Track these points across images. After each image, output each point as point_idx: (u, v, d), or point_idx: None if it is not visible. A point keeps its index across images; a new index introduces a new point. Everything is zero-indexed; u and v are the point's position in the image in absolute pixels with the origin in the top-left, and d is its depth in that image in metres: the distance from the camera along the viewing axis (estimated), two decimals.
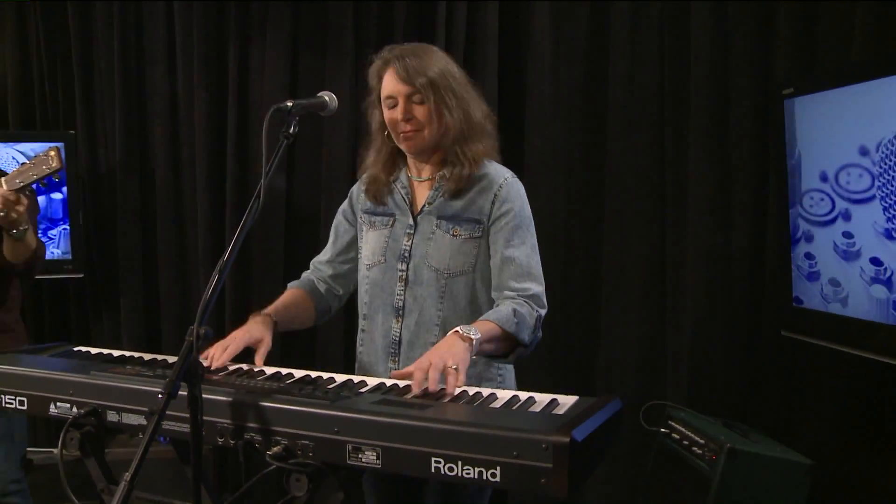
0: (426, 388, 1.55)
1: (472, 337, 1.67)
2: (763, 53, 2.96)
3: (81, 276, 3.78)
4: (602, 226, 3.30)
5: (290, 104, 1.66)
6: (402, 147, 1.94)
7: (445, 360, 1.59)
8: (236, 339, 1.80)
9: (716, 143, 3.02)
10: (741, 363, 3.01)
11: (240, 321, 1.93)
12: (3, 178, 2.21)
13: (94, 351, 1.96)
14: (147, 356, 1.91)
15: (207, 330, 1.40)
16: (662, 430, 2.74)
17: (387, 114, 1.92)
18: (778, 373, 2.94)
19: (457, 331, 1.69)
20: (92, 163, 3.96)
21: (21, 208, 2.22)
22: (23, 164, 2.22)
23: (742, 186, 2.99)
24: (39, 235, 2.53)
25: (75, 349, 1.99)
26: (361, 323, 2.04)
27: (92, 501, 1.32)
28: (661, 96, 3.16)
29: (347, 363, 2.04)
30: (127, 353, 1.94)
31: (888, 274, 2.29)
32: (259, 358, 1.81)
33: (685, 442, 2.59)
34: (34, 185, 2.23)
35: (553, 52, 3.28)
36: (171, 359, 1.86)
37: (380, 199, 2.01)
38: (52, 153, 2.18)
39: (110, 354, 1.94)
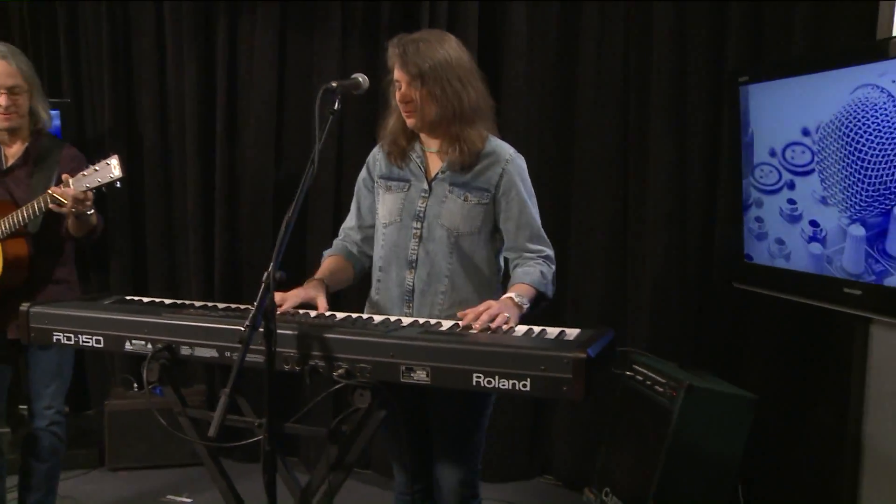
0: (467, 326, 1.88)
1: (523, 305, 2.03)
2: (716, 41, 3.26)
3: None
4: (570, 191, 3.59)
5: (334, 84, 1.93)
6: (406, 123, 2.19)
7: (502, 311, 1.92)
8: (292, 296, 2.04)
9: (674, 120, 3.31)
10: (693, 314, 3.36)
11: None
12: (71, 179, 2.43)
13: (145, 300, 2.21)
14: (198, 303, 2.16)
15: (282, 273, 1.67)
16: (627, 373, 3.09)
17: (396, 94, 2.17)
18: (726, 321, 3.31)
19: (511, 297, 2.03)
20: (79, 129, 4.06)
21: (89, 203, 2.49)
22: (88, 168, 2.42)
23: (696, 159, 3.30)
24: None
25: (128, 298, 2.24)
26: (377, 274, 2.27)
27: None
28: (625, 77, 3.44)
29: (361, 309, 2.32)
30: (178, 301, 2.19)
31: (823, 234, 2.70)
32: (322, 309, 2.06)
33: (648, 382, 2.94)
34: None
35: (528, 34, 3.53)
36: (221, 305, 2.12)
37: (399, 162, 2.25)
38: (115, 162, 2.39)
39: (162, 302, 2.18)
